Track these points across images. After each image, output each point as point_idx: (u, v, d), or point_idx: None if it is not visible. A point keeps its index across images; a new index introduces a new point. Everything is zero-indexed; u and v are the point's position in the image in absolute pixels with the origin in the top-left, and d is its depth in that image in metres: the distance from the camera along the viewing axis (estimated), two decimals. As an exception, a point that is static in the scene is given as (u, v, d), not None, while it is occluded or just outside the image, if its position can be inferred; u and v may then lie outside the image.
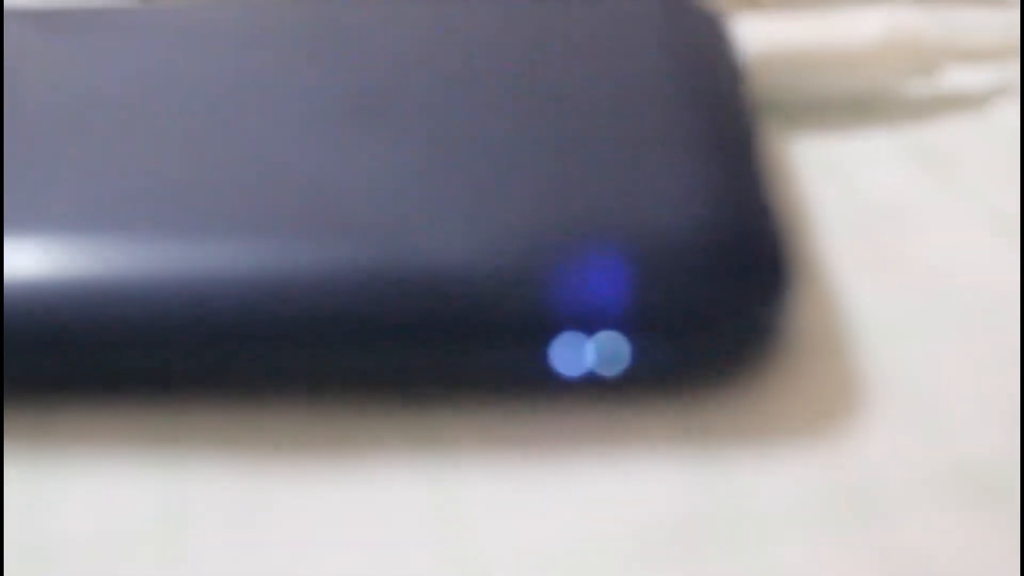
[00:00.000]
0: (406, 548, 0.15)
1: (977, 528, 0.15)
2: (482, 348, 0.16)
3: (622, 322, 0.16)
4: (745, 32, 0.23)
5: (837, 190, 0.21)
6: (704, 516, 0.15)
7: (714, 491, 0.15)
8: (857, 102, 0.24)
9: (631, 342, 0.16)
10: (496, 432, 0.16)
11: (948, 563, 0.14)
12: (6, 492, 0.16)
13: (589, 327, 0.16)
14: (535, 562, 0.15)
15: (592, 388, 0.17)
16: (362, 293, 0.16)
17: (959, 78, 0.24)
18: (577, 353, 0.16)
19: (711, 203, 0.17)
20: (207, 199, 0.18)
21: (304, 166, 0.18)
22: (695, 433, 0.16)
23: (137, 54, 0.22)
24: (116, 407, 0.17)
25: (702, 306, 0.16)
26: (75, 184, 0.18)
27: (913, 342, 0.18)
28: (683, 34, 0.22)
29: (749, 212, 0.17)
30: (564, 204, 0.17)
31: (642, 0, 0.23)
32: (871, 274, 0.19)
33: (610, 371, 0.16)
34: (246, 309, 0.16)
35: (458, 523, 0.15)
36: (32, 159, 0.19)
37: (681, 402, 0.17)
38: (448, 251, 0.16)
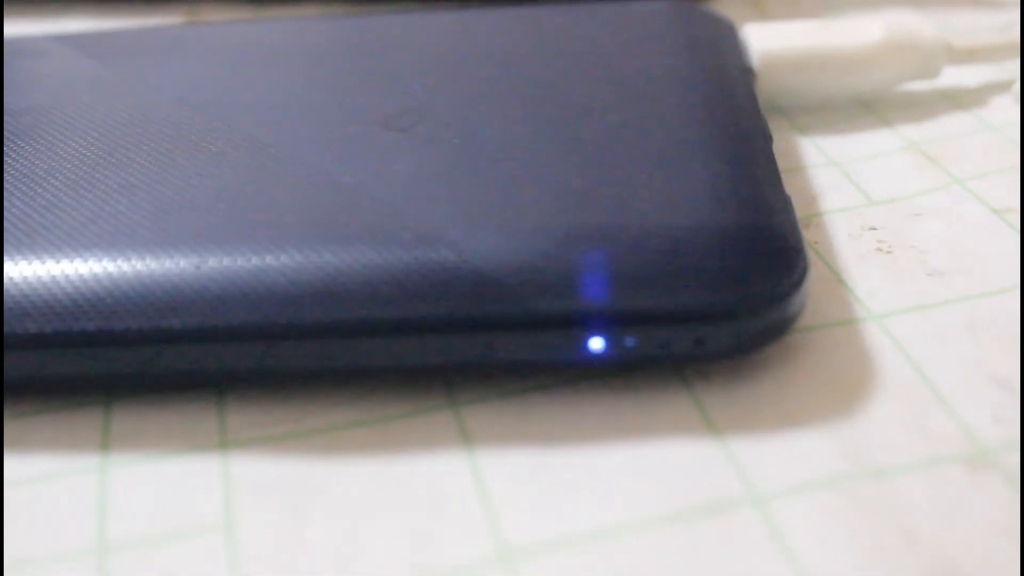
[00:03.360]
0: (446, 529, 0.16)
1: (975, 494, 0.16)
2: (516, 337, 0.17)
3: (646, 312, 0.17)
4: (754, 37, 0.24)
5: (843, 185, 0.22)
6: (726, 494, 0.16)
7: (737, 469, 0.17)
8: (860, 101, 0.25)
9: (655, 331, 0.17)
10: (527, 423, 0.18)
11: (948, 522, 0.15)
12: (78, 490, 0.17)
13: (616, 317, 0.17)
14: (563, 540, 0.16)
15: (618, 374, 0.18)
16: (403, 290, 0.17)
17: (957, 78, 0.25)
18: (605, 341, 0.17)
19: (728, 199, 0.18)
20: (255, 208, 0.19)
21: (346, 175, 0.19)
22: (716, 415, 0.17)
23: (183, 72, 0.23)
24: (175, 406, 0.18)
25: (722, 295, 0.17)
26: (128, 199, 0.19)
27: (918, 323, 0.19)
28: (696, 39, 0.23)
29: (763, 207, 0.18)
30: (591, 202, 0.18)
31: (657, 7, 0.24)
32: (877, 261, 0.20)
33: (636, 358, 0.17)
34: (299, 308, 0.17)
35: (493, 506, 0.16)
36: (85, 177, 0.20)
37: (702, 386, 0.18)
38: (484, 248, 0.17)
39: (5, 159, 0.21)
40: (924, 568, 0.15)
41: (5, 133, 0.21)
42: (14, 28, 0.31)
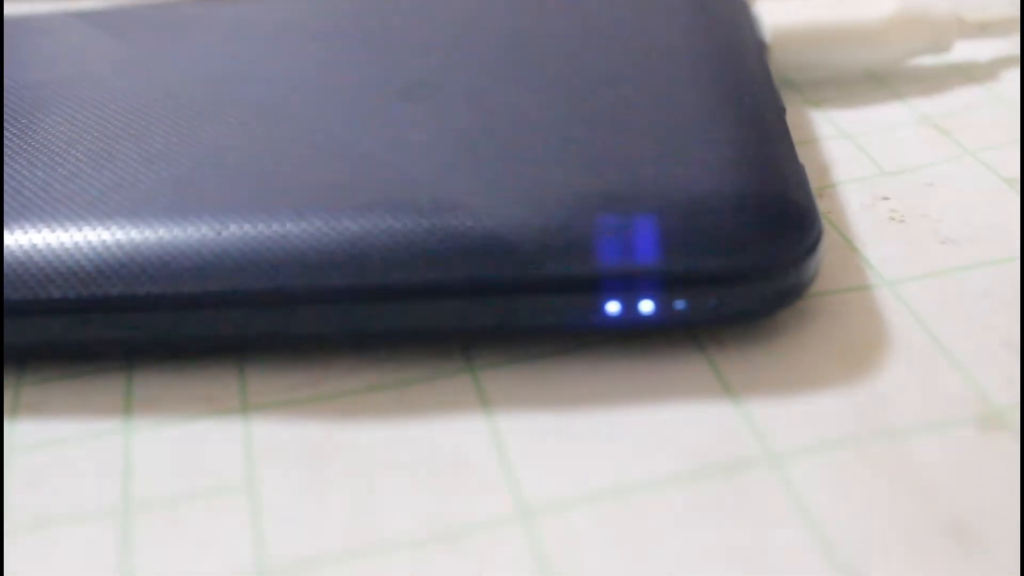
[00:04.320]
0: (465, 488, 0.16)
1: (986, 454, 0.16)
2: (534, 302, 0.18)
3: (663, 276, 0.17)
4: (767, 11, 0.24)
5: (856, 157, 0.22)
6: (742, 453, 0.16)
7: (752, 429, 0.17)
8: (872, 75, 0.25)
9: (673, 294, 0.17)
10: (545, 387, 0.18)
11: (960, 480, 0.16)
12: (101, 452, 0.17)
13: (632, 281, 0.17)
14: (580, 498, 0.16)
15: (634, 339, 0.18)
16: (422, 256, 0.17)
17: (968, 52, 0.26)
18: (621, 305, 0.17)
19: (745, 168, 0.18)
20: (275, 177, 0.19)
21: (364, 144, 0.20)
22: (732, 377, 0.18)
23: (201, 47, 0.23)
24: (196, 371, 0.19)
25: (740, 261, 0.17)
26: (149, 168, 0.20)
27: (930, 289, 0.19)
28: (710, 12, 0.23)
29: (777, 175, 0.19)
30: (607, 169, 0.18)
31: (670, -18, 0.25)
32: (890, 230, 0.20)
33: (653, 321, 0.18)
34: (319, 274, 0.17)
35: (512, 465, 0.17)
36: (106, 148, 0.20)
37: (717, 350, 0.18)
38: (502, 214, 0.18)
39: (25, 131, 0.21)
40: (937, 525, 0.15)
41: (25, 106, 0.22)
42: (31, 5, 0.31)
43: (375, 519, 0.16)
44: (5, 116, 0.21)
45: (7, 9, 0.31)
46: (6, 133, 0.21)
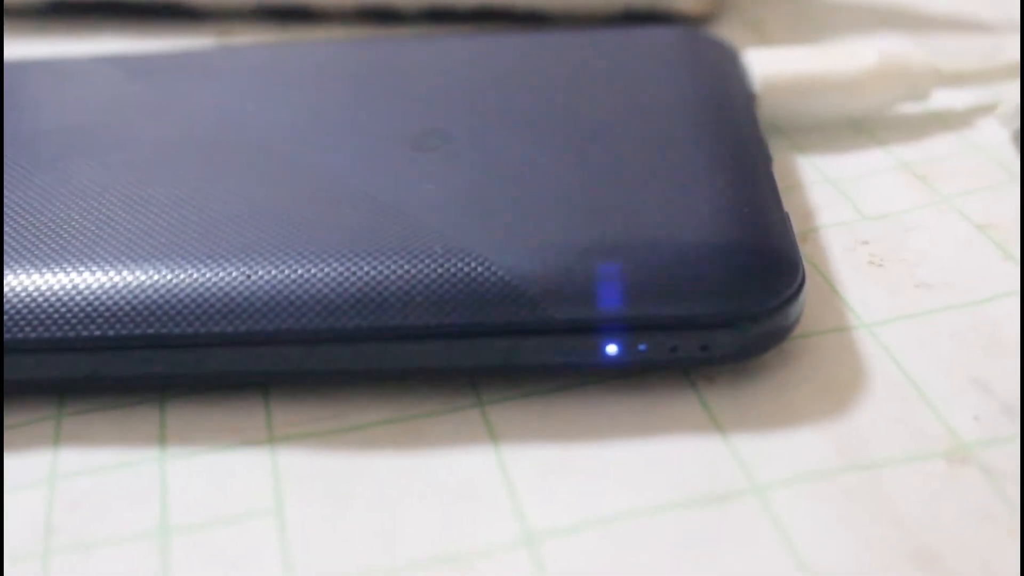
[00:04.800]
0: (475, 515, 0.18)
1: (955, 485, 0.18)
2: (538, 343, 0.19)
3: (657, 320, 0.19)
4: (755, 61, 0.26)
5: (838, 202, 0.24)
6: (729, 484, 0.18)
7: (739, 462, 0.18)
8: (855, 122, 0.27)
9: (665, 337, 0.19)
10: (548, 421, 0.19)
11: (930, 510, 0.17)
12: (139, 479, 0.19)
13: (629, 325, 0.19)
14: (581, 524, 0.18)
15: (631, 377, 0.20)
16: (434, 299, 0.19)
17: (945, 100, 0.27)
18: (619, 347, 0.19)
19: (733, 220, 0.20)
20: (298, 224, 0.20)
21: (380, 193, 0.21)
22: (720, 413, 0.19)
23: (224, 94, 0.25)
24: (224, 404, 0.20)
25: (727, 307, 0.19)
26: (179, 214, 0.21)
27: (906, 330, 0.20)
28: (701, 64, 0.25)
29: (764, 224, 0.20)
30: (606, 219, 0.20)
31: (665, 33, 0.26)
32: (869, 273, 0.22)
33: (647, 362, 0.19)
34: (340, 315, 0.19)
35: (518, 494, 0.18)
36: (138, 192, 0.22)
37: (708, 387, 0.20)
38: (509, 261, 0.19)
39: (63, 175, 0.22)
40: (909, 551, 0.17)
41: (62, 151, 0.23)
42: (50, 47, 0.33)
43: (393, 541, 0.17)
44: (44, 160, 0.23)
45: (32, 51, 0.33)
46: (45, 177, 0.22)
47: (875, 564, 0.16)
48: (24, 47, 0.33)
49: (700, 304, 0.19)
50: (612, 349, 0.19)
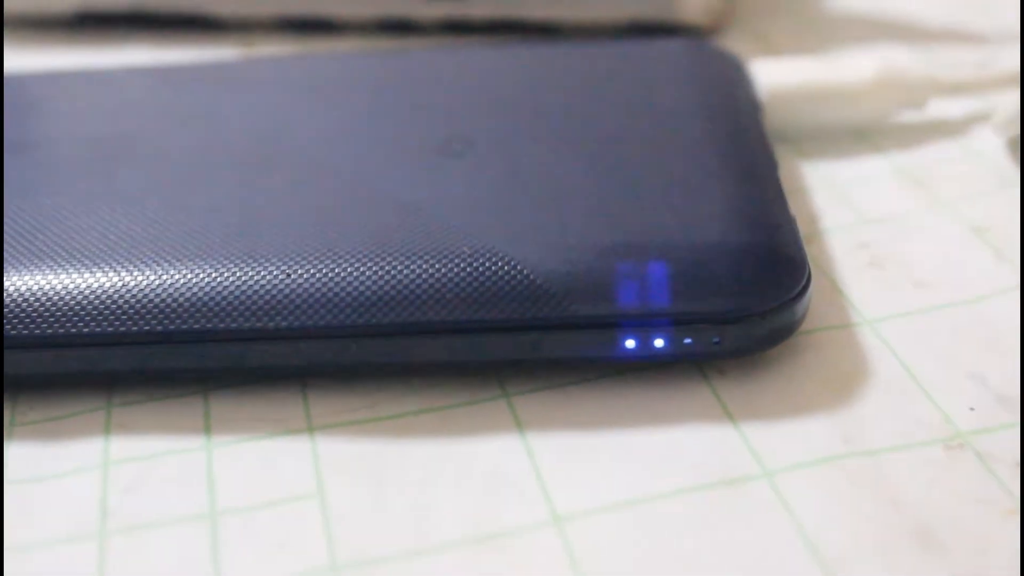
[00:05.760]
0: (505, 498, 0.19)
1: (951, 470, 0.19)
2: (561, 338, 0.20)
3: (673, 316, 0.20)
4: (761, 72, 0.27)
5: (840, 206, 0.25)
6: (741, 470, 0.19)
7: (750, 449, 0.20)
8: (856, 130, 0.28)
9: (681, 333, 0.20)
10: (571, 411, 0.21)
11: (927, 493, 0.18)
12: (187, 466, 0.20)
13: (647, 321, 0.20)
14: (603, 507, 0.19)
15: (648, 370, 0.21)
16: (463, 297, 0.20)
17: (942, 109, 0.28)
18: (637, 341, 0.20)
19: (744, 222, 0.21)
20: (333, 226, 0.22)
21: (410, 196, 0.22)
22: (732, 404, 0.20)
23: (250, 102, 0.26)
24: (265, 395, 0.21)
25: (739, 304, 0.20)
26: (219, 217, 0.22)
27: (905, 327, 0.22)
28: (711, 74, 0.26)
29: (772, 226, 0.21)
30: (624, 221, 0.21)
31: (675, 45, 0.28)
32: (869, 273, 0.23)
33: (663, 356, 0.20)
34: (374, 312, 0.20)
35: (544, 479, 0.19)
36: (179, 197, 0.23)
37: (720, 380, 0.21)
38: (533, 261, 0.20)
39: (108, 181, 0.24)
40: (907, 531, 0.18)
41: (107, 157, 0.24)
42: (77, 58, 0.34)
43: (428, 524, 0.19)
44: (93, 164, 0.24)
45: (59, 61, 0.34)
46: (93, 181, 0.24)
47: (876, 542, 0.18)
48: (51, 58, 0.34)
49: (713, 301, 0.20)
50: (630, 343, 0.20)
